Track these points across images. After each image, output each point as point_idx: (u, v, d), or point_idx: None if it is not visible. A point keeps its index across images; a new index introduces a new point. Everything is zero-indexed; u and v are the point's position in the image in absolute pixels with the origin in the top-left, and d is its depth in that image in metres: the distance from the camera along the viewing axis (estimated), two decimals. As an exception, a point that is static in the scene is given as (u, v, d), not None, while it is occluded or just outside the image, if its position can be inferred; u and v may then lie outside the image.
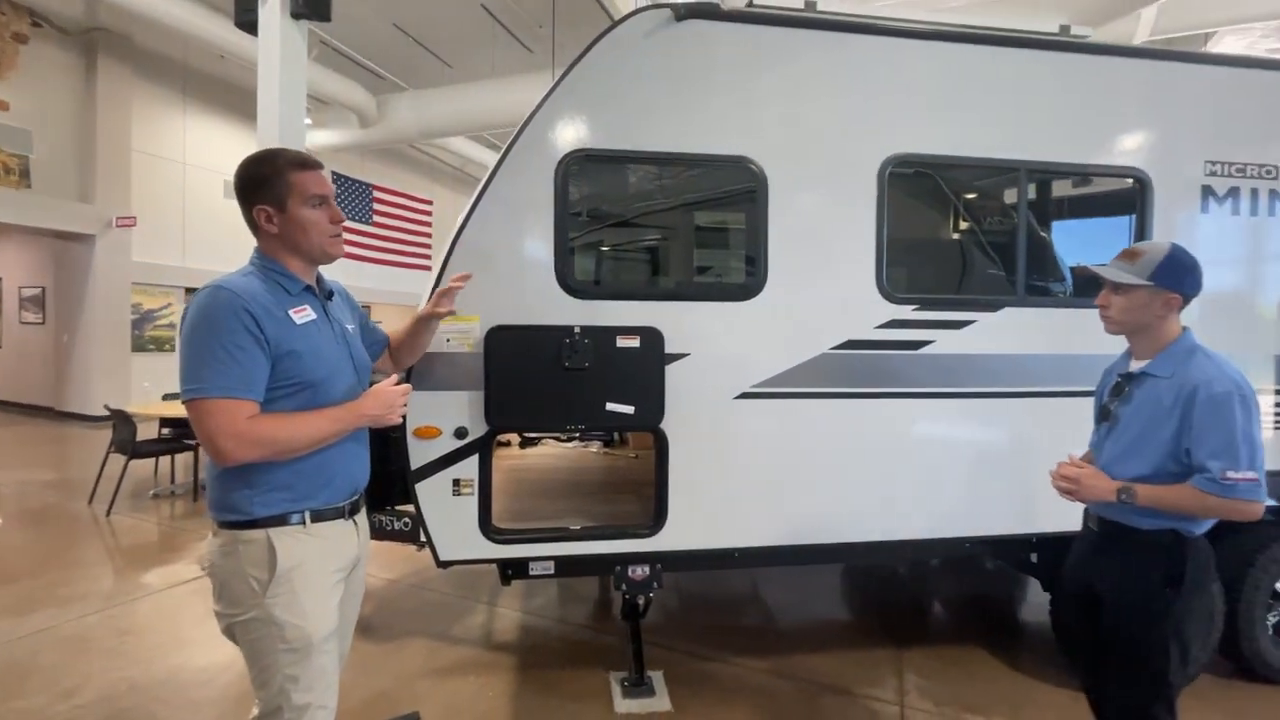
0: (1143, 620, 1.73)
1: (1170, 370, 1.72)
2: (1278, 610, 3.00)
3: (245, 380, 1.41)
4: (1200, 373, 1.67)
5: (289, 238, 1.55)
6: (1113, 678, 1.82)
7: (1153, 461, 1.71)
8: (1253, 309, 2.97)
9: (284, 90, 4.21)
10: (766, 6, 2.61)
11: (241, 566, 1.46)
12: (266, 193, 1.52)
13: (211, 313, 1.41)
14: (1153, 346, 1.78)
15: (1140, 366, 1.80)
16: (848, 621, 3.82)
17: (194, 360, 1.40)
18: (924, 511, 2.76)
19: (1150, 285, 1.70)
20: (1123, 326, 1.80)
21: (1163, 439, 1.69)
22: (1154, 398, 1.72)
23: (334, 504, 1.59)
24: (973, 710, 2.76)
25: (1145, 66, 2.85)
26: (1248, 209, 2.91)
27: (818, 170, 2.63)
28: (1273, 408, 2.95)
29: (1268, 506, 3.04)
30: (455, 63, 11.26)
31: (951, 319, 2.70)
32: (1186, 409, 1.65)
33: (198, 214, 11.34)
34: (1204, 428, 1.62)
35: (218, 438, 1.38)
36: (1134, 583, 1.75)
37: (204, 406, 1.39)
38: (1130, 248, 1.80)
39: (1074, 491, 1.76)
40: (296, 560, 1.49)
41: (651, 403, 2.50)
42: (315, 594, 1.51)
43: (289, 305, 1.52)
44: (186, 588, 3.96)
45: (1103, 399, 1.92)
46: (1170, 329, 1.77)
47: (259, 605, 1.46)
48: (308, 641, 1.48)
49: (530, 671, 3.04)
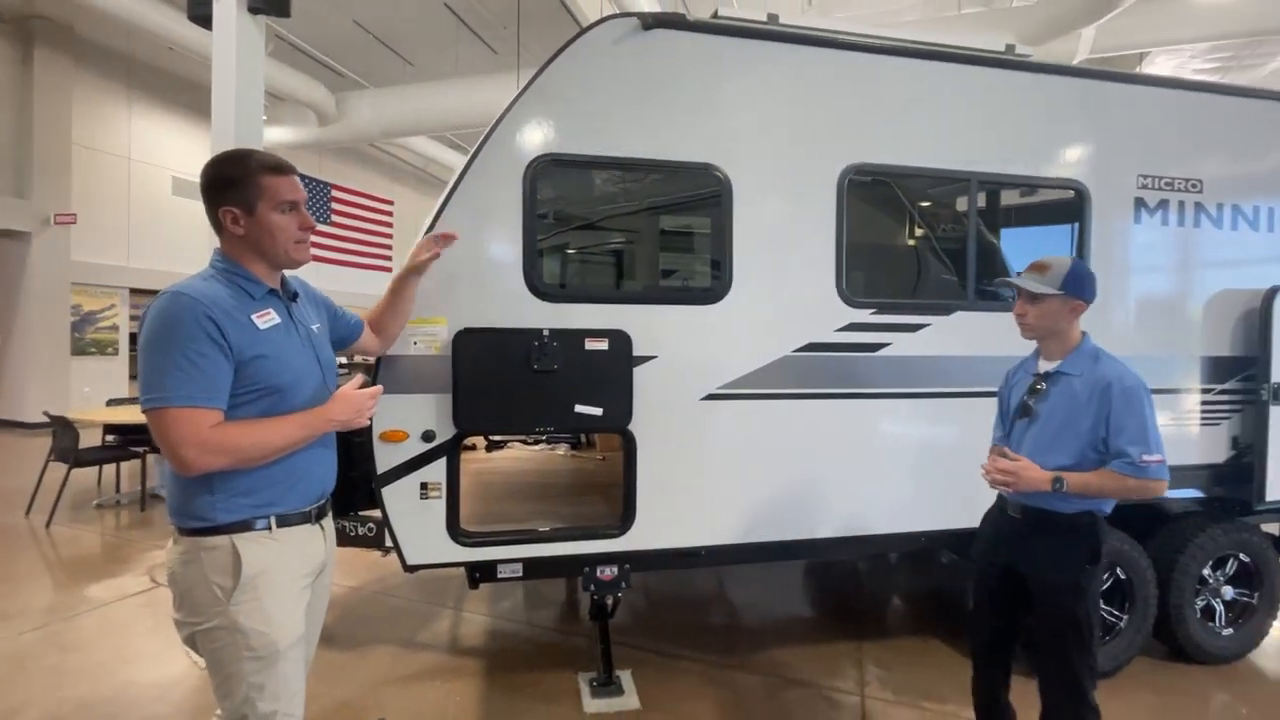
0: (1073, 594, 1.91)
1: (1081, 369, 1.93)
2: (1205, 595, 3.21)
3: (208, 388, 1.38)
4: (1111, 370, 1.88)
5: (255, 241, 1.51)
6: (1052, 651, 1.95)
7: (1075, 451, 1.89)
8: (1181, 313, 3.18)
9: (240, 88, 4.09)
10: (731, 18, 2.68)
11: (204, 574, 1.43)
12: (235, 194, 1.49)
13: (172, 319, 1.37)
14: (1062, 348, 1.99)
15: (1053, 366, 1.99)
16: (810, 617, 3.92)
17: (154, 369, 1.37)
18: (882, 507, 2.87)
19: (1061, 294, 1.90)
20: (1037, 331, 2.00)
21: (1083, 430, 1.88)
22: (1070, 393, 1.92)
23: (300, 509, 1.56)
24: (929, 698, 2.87)
25: (1083, 85, 3.03)
26: (1175, 220, 3.11)
27: (780, 178, 2.71)
28: (1199, 405, 3.17)
29: (1194, 497, 3.28)
30: (417, 61, 11.10)
31: (907, 322, 2.82)
32: (1103, 402, 1.85)
33: (144, 212, 10.89)
34: (1121, 418, 1.83)
35: (181, 448, 1.35)
36: (1063, 562, 1.92)
37: (166, 416, 1.35)
38: (1038, 261, 1.99)
39: (1012, 483, 1.90)
40: (262, 566, 1.46)
41: (620, 405, 2.53)
42: (281, 600, 1.48)
43: (252, 309, 1.49)
44: (135, 600, 3.81)
45: (1010, 398, 2.12)
46: (1075, 332, 1.99)
47: (222, 613, 1.42)
48: (273, 649, 1.45)
49: (498, 675, 3.04)
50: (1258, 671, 3.22)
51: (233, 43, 4.05)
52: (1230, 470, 3.19)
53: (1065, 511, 1.92)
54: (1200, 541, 3.12)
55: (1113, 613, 3.05)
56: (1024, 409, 2.03)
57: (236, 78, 4.07)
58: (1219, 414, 3.19)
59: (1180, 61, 10.74)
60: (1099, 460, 1.87)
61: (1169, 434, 3.09)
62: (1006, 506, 2.08)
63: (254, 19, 4.19)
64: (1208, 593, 3.21)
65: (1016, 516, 2.03)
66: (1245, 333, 3.17)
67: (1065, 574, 1.92)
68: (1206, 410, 3.19)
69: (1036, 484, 1.87)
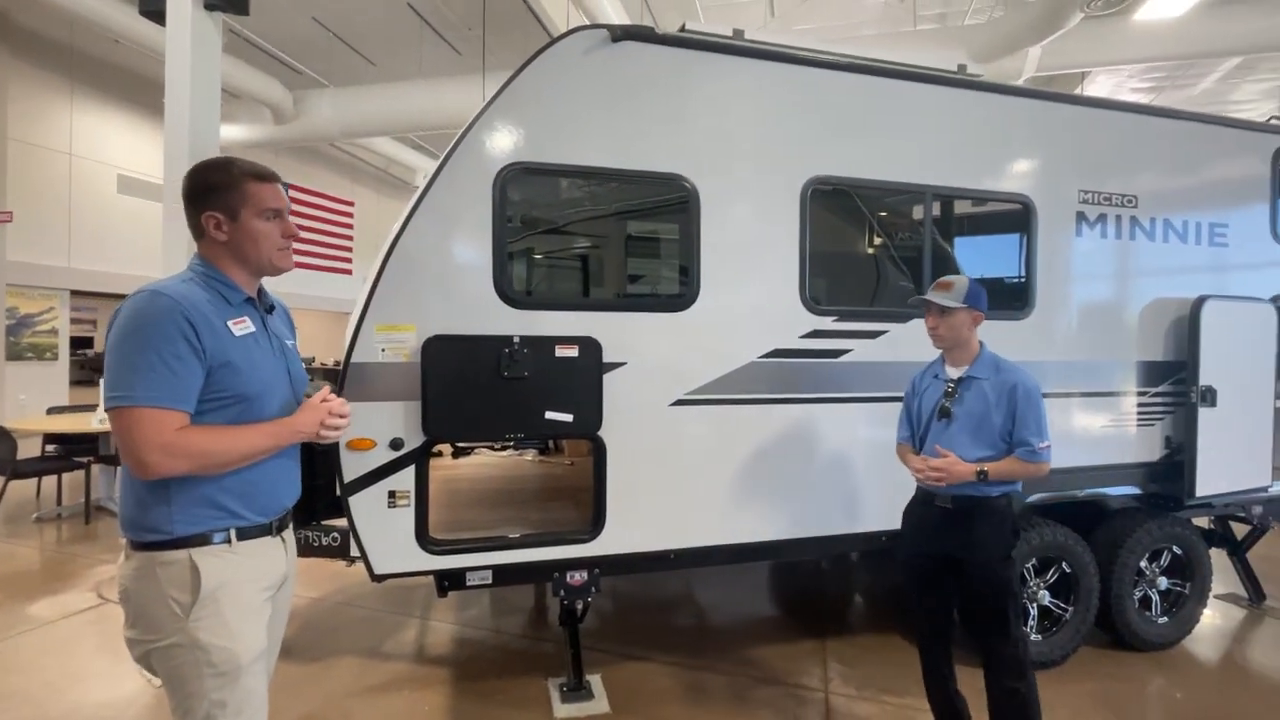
0: (1004, 566, 2.21)
1: (987, 373, 2.25)
2: (1142, 586, 3.41)
3: (177, 391, 1.35)
4: (1013, 374, 2.22)
5: (237, 247, 1.51)
6: (990, 621, 2.22)
7: (990, 444, 2.21)
8: (1119, 320, 3.38)
9: (196, 86, 3.95)
10: (698, 32, 2.74)
11: (161, 589, 1.38)
12: (219, 200, 1.48)
13: (148, 319, 1.35)
14: (967, 356, 2.30)
15: (963, 372, 2.28)
16: (776, 616, 4.00)
17: (123, 366, 1.34)
18: (845, 508, 2.96)
19: (965, 307, 2.22)
20: (947, 341, 2.30)
21: (995, 425, 2.20)
22: (981, 395, 2.23)
23: (260, 521, 1.52)
24: (890, 692, 2.98)
25: (1029, 105, 3.19)
26: (1113, 233, 3.31)
27: (746, 188, 2.78)
28: (1136, 407, 3.36)
29: (1132, 494, 3.48)
30: (380, 61, 10.90)
31: (867, 329, 2.92)
32: (1010, 401, 2.19)
33: (86, 211, 10.40)
34: (1024, 413, 2.17)
35: (143, 449, 1.32)
36: (996, 540, 2.21)
37: (131, 415, 1.32)
38: (941, 281, 2.29)
39: (943, 478, 2.17)
40: (222, 579, 1.42)
41: (590, 411, 2.56)
42: (242, 614, 1.45)
43: (228, 316, 1.47)
44: (81, 618, 3.65)
45: (922, 403, 2.37)
46: (975, 341, 2.31)
47: (181, 629, 1.38)
48: (236, 664, 1.41)
49: (467, 683, 3.02)
50: (1190, 656, 3.43)
51: (187, 40, 3.91)
52: (1164, 468, 3.40)
53: (992, 495, 2.22)
54: (1138, 536, 3.31)
55: (1059, 605, 3.21)
56: (943, 411, 2.27)
57: (191, 77, 3.93)
58: (1154, 415, 3.40)
59: (1119, 80, 11.33)
60: (1006, 450, 2.20)
61: (1110, 434, 3.33)
62: (935, 499, 2.29)
63: (210, 15, 4.06)
64: (1144, 584, 3.41)
65: (948, 507, 2.26)
66: (1176, 339, 3.38)
67: (997, 550, 2.21)
68: (1142, 412, 3.39)
69: (964, 475, 2.15)
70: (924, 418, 2.35)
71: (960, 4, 9.06)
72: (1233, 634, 3.77)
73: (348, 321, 10.39)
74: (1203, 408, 3.25)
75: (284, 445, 1.53)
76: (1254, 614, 4.00)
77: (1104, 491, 3.37)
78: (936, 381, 2.35)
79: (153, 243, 11.36)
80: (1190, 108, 12.27)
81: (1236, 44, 7.47)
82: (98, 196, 10.54)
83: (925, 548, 2.34)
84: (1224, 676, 3.27)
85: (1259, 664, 3.43)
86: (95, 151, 10.52)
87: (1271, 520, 3.86)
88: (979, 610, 2.25)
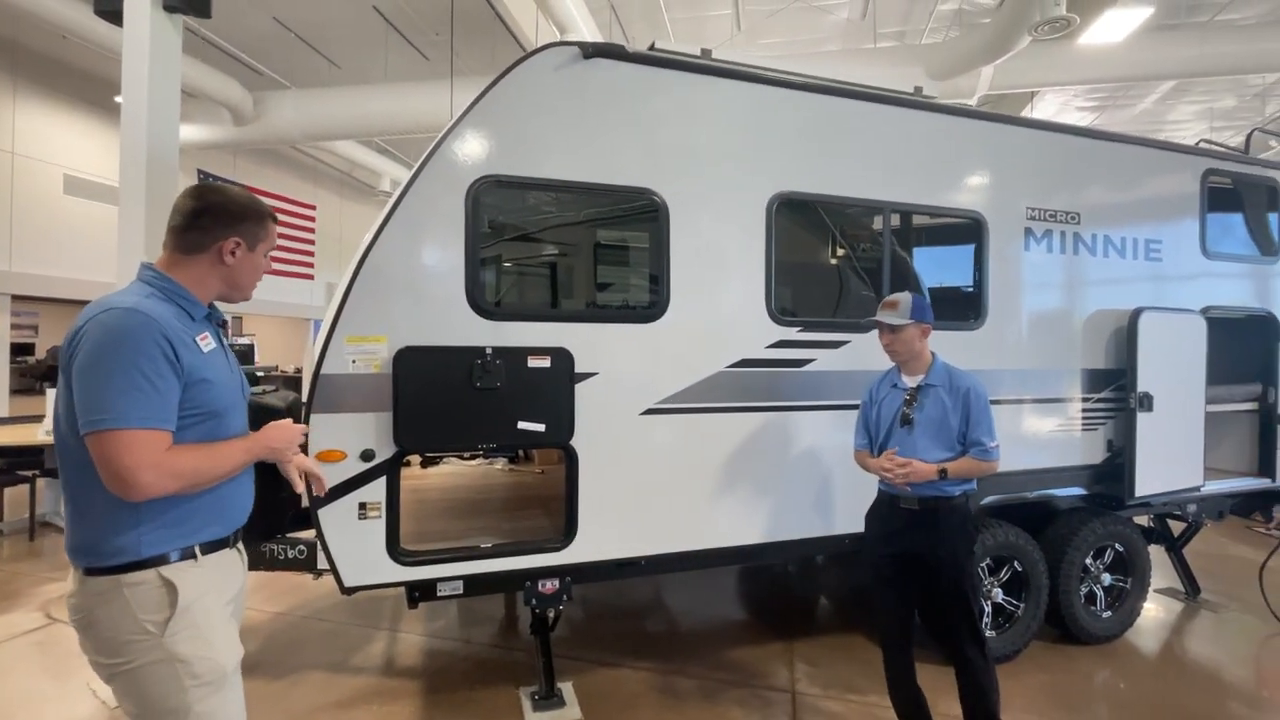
0: (967, 559, 2.41)
1: (942, 380, 2.43)
2: (1088, 582, 3.60)
3: (163, 410, 1.34)
4: (965, 380, 2.41)
5: (235, 275, 1.56)
6: (956, 609, 2.40)
7: (947, 445, 2.39)
8: (1065, 330, 3.57)
9: (154, 90, 3.83)
10: (667, 51, 2.81)
11: (131, 612, 1.35)
12: (248, 230, 1.54)
13: (127, 337, 1.32)
14: (920, 366, 2.46)
15: (919, 381, 2.45)
16: (745, 621, 4.08)
17: (106, 387, 1.30)
18: (810, 513, 3.06)
19: (912, 322, 2.40)
20: (901, 355, 2.47)
21: (953, 427, 2.38)
22: (938, 401, 2.40)
23: (222, 536, 1.53)
24: (854, 690, 3.07)
25: (981, 126, 3.36)
26: (1059, 247, 3.50)
27: (713, 204, 2.86)
28: (1081, 413, 3.55)
29: (1078, 495, 3.66)
30: (344, 63, 10.73)
31: (830, 339, 3.03)
32: (965, 405, 2.38)
33: (30, 212, 9.94)
34: (977, 416, 2.37)
35: (138, 471, 1.29)
36: (961, 536, 2.40)
37: (120, 438, 1.29)
38: (887, 300, 2.48)
39: (910, 476, 2.32)
40: (198, 592, 1.42)
41: (562, 420, 2.59)
42: (218, 624, 1.45)
43: (194, 332, 1.47)
44: (28, 639, 3.50)
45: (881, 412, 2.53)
46: (928, 351, 2.48)
47: (158, 646, 1.36)
48: (221, 672, 1.42)
49: (437, 694, 3.00)
50: (1133, 648, 3.63)
51: (146, 43, 3.80)
52: (1106, 470, 3.60)
53: (953, 495, 2.40)
54: (1083, 534, 3.49)
55: (1011, 602, 3.37)
56: (905, 419, 2.43)
57: (149, 80, 3.82)
58: (1097, 420, 3.60)
59: (1065, 99, 11.89)
60: (962, 451, 2.39)
61: (1057, 439, 3.51)
62: (899, 501, 2.44)
63: (170, 17, 3.96)
64: (1090, 580, 3.60)
65: (914, 509, 2.41)
66: (1116, 348, 3.59)
67: (962, 545, 2.40)
68: (1087, 417, 3.58)
69: (927, 475, 2.32)
70: (883, 425, 2.50)
71: (918, 23, 9.40)
72: (1171, 626, 3.99)
73: (308, 328, 10.18)
74: (1141, 413, 3.46)
75: (256, 460, 1.55)
76: (1190, 607, 4.25)
77: (1052, 493, 3.54)
78: (895, 390, 2.50)
79: (102, 246, 10.93)
80: (1130, 126, 12.98)
81: (1170, 69, 7.95)
82: (42, 197, 10.08)
83: (891, 548, 2.47)
84: (1163, 666, 3.47)
85: (1195, 654, 3.65)
86: (40, 151, 10.07)
87: (1205, 518, 4.12)
88: (947, 600, 2.40)
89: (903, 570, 2.46)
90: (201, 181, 1.63)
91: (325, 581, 2.70)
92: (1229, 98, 11.80)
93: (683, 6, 8.94)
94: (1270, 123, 12.09)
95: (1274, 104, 11.82)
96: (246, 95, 9.61)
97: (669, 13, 9.04)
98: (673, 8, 8.95)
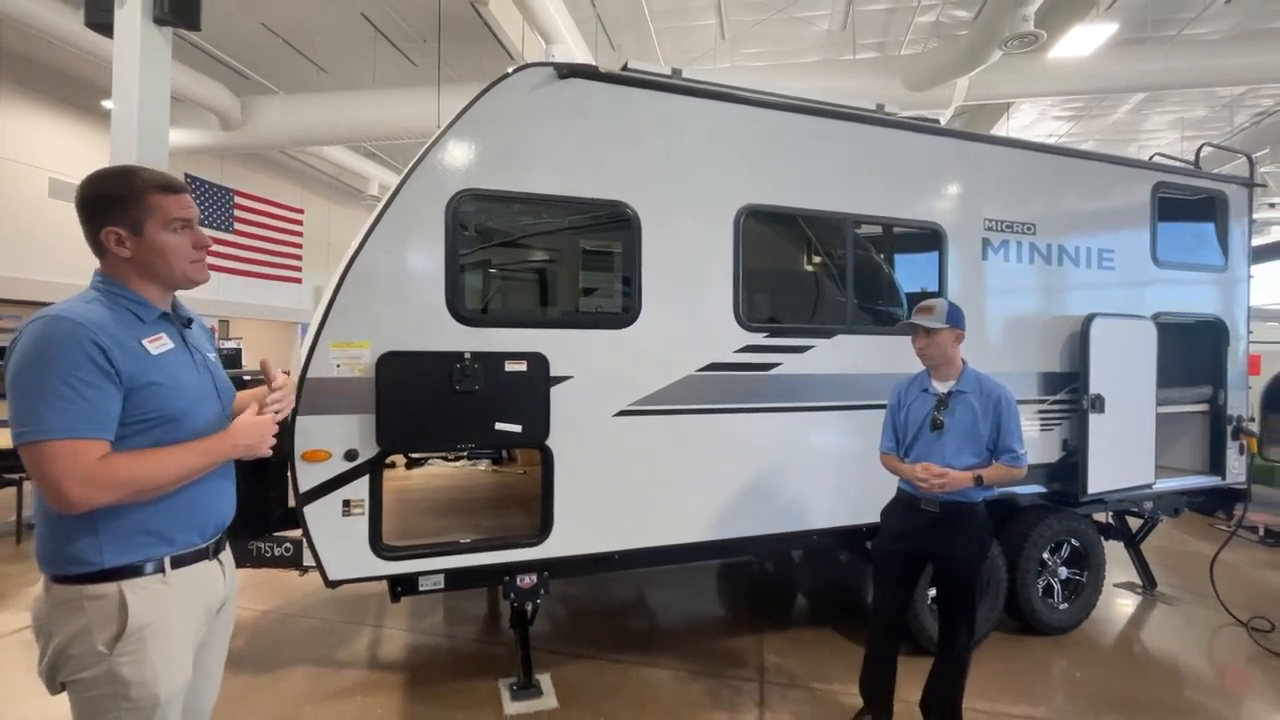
0: (981, 562, 2.55)
1: (973, 387, 2.49)
2: (1045, 575, 3.77)
3: (93, 418, 1.27)
4: (996, 387, 2.48)
5: (145, 263, 1.41)
6: (962, 606, 2.52)
7: (979, 452, 2.46)
8: (1022, 335, 3.74)
9: (144, 101, 3.92)
10: (639, 71, 2.96)
11: (85, 624, 1.31)
12: (119, 214, 1.38)
13: (49, 345, 1.26)
14: (952, 371, 2.54)
15: (950, 387, 2.52)
16: (718, 615, 4.21)
17: (28, 399, 1.25)
18: (777, 510, 3.20)
19: (948, 326, 2.47)
20: (935, 360, 2.53)
21: (984, 434, 2.45)
22: (969, 407, 2.47)
23: (196, 546, 1.46)
24: (820, 680, 3.21)
25: (939, 141, 3.53)
26: (1015, 257, 3.68)
27: (683, 215, 3.00)
28: (1037, 414, 3.73)
29: (1037, 492, 3.84)
30: (332, 69, 10.80)
31: (795, 344, 3.18)
32: (996, 412, 2.44)
33: (14, 215, 9.93)
34: (1007, 423, 2.44)
35: (64, 483, 1.24)
36: (978, 541, 2.51)
37: (44, 450, 1.24)
38: (923, 304, 2.52)
39: (946, 484, 2.38)
40: (150, 616, 1.36)
41: (538, 422, 2.72)
42: (168, 650, 1.39)
43: (143, 334, 1.39)
44: (16, 639, 3.57)
45: (909, 415, 2.58)
46: (959, 358, 2.55)
47: (103, 663, 1.32)
48: (154, 702, 1.36)
49: (420, 686, 3.11)
50: (1089, 638, 3.80)
51: (136, 54, 3.88)
52: (1062, 468, 3.77)
53: (975, 501, 2.49)
54: (1041, 530, 3.66)
55: (971, 595, 3.52)
56: (935, 423, 2.49)
57: (139, 92, 3.91)
58: (1053, 421, 3.77)
59: (1042, 109, 12.18)
60: (990, 457, 2.46)
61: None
62: (920, 504, 2.51)
63: (160, 30, 4.06)
64: (1047, 573, 3.77)
65: (934, 511, 2.47)
66: (1070, 352, 3.77)
67: (980, 550, 2.53)
68: (1044, 418, 3.75)
69: (962, 483, 2.38)
70: (911, 428, 2.56)
71: (897, 34, 9.62)
72: (1128, 618, 4.17)
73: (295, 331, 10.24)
74: (1093, 414, 3.63)
75: (218, 463, 1.46)
76: (1147, 600, 4.43)
77: (1013, 491, 3.71)
78: (925, 395, 2.55)
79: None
80: (1105, 135, 13.28)
81: (1137, 82, 8.21)
82: (27, 201, 10.08)
83: (905, 546, 2.58)
84: (1119, 657, 3.63)
85: (1150, 644, 3.83)
86: (24, 154, 10.07)
87: (1160, 514, 4.31)
88: (955, 598, 2.54)
89: (911, 567, 2.60)
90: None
91: (311, 579, 2.81)
92: (1200, 108, 12.15)
93: (668, 17, 9.11)
94: (1238, 133, 12.45)
95: (1242, 114, 12.19)
96: (235, 100, 9.66)
97: (654, 23, 9.21)
98: (658, 18, 9.11)
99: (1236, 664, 3.58)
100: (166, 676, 1.38)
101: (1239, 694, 3.28)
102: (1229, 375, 4.26)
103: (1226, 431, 4.23)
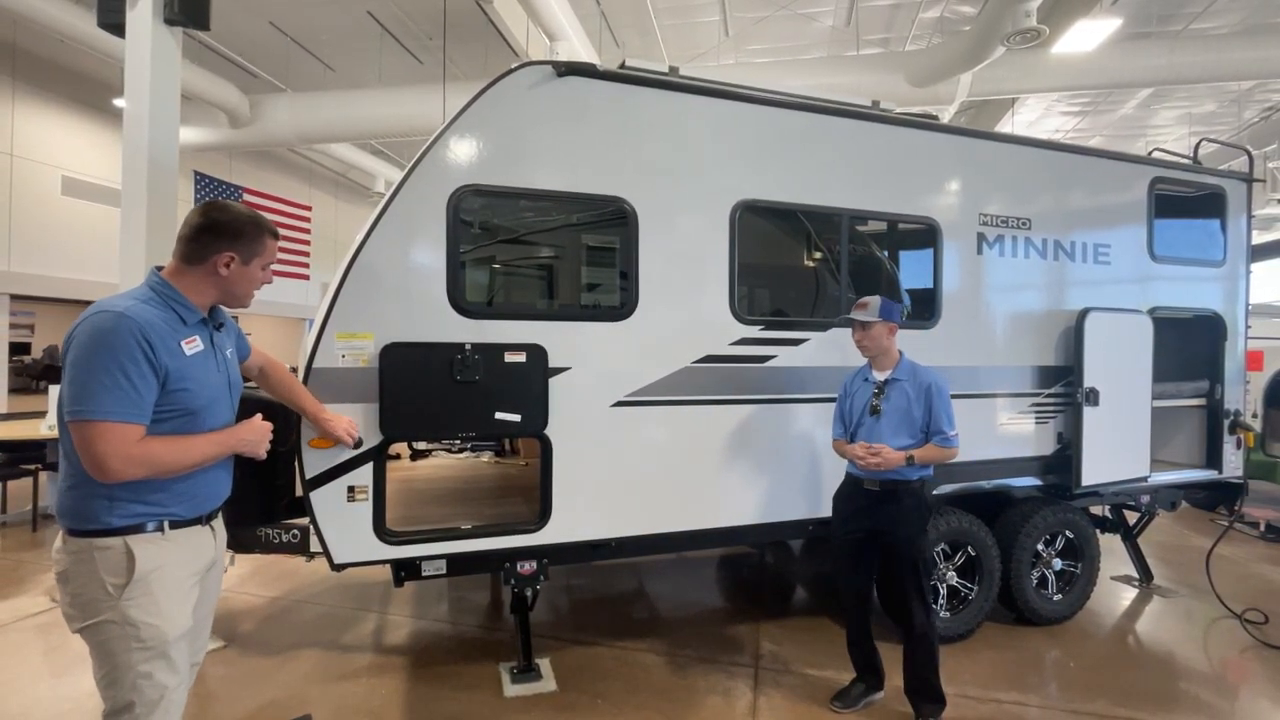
0: (920, 536, 2.73)
1: (907, 375, 2.74)
2: (1040, 567, 3.81)
3: (138, 405, 1.51)
4: (927, 375, 2.73)
5: (230, 286, 1.71)
6: (909, 580, 2.71)
7: (910, 434, 2.71)
8: (1018, 329, 3.77)
9: (155, 100, 4.01)
10: (636, 69, 3.01)
11: (96, 572, 1.53)
12: (242, 245, 1.69)
13: (111, 337, 1.49)
14: (889, 361, 2.78)
15: (887, 375, 2.76)
16: (716, 604, 4.28)
17: (87, 382, 1.47)
18: (770, 499, 3.26)
19: (880, 320, 2.70)
20: (872, 351, 2.78)
21: (917, 417, 2.70)
22: (903, 393, 2.72)
23: (191, 517, 1.69)
24: (814, 666, 3.28)
25: (934, 137, 3.56)
26: (1010, 252, 3.71)
27: (680, 211, 3.06)
28: (1030, 406, 3.76)
29: (1031, 485, 3.88)
30: (339, 67, 10.92)
31: (790, 337, 3.24)
32: (927, 398, 2.69)
33: (28, 212, 10.11)
34: (939, 408, 2.68)
35: (108, 459, 1.47)
36: (917, 516, 2.71)
37: (95, 429, 1.47)
38: (859, 301, 2.78)
39: (880, 463, 2.61)
40: (155, 564, 1.58)
41: (537, 412, 2.79)
42: (171, 595, 1.61)
43: (182, 336, 1.62)
44: (33, 621, 3.68)
45: (853, 403, 2.82)
46: (895, 348, 2.79)
47: (114, 607, 1.53)
48: (163, 640, 1.57)
49: (423, 669, 3.20)
50: (1083, 629, 3.84)
51: (147, 54, 3.98)
52: (1056, 461, 3.81)
53: (911, 479, 2.70)
54: (1035, 521, 3.71)
55: (965, 584, 3.58)
56: (873, 409, 2.72)
57: (151, 91, 4.00)
58: (1048, 414, 3.81)
59: (1048, 104, 12.13)
60: (924, 439, 2.70)
61: (1013, 431, 3.72)
62: (863, 484, 2.74)
63: (171, 30, 4.15)
64: (1041, 565, 3.81)
65: (875, 490, 2.71)
66: (1065, 346, 3.80)
67: (918, 524, 2.71)
68: (1039, 411, 3.79)
69: (896, 461, 2.62)
70: (855, 415, 2.80)
71: (902, 30, 9.62)
72: (1123, 610, 4.20)
73: (303, 327, 10.40)
74: (1087, 407, 3.67)
75: (228, 453, 1.75)
76: (1144, 593, 4.46)
77: (1008, 483, 3.75)
78: (866, 384, 2.81)
79: (99, 246, 11.07)
80: (1113, 130, 13.20)
81: (1141, 78, 8.18)
82: (41, 198, 10.26)
83: (855, 526, 2.79)
84: (1113, 647, 3.66)
85: (1144, 636, 3.86)
86: (38, 152, 10.25)
87: (1157, 507, 4.34)
88: (902, 571, 2.72)
89: (864, 545, 2.79)
90: (214, 199, 1.88)
91: (318, 566, 2.89)
92: (1208, 103, 12.07)
93: (672, 14, 9.15)
94: (1247, 128, 12.36)
95: (1251, 109, 12.09)
96: (243, 98, 9.79)
97: (658, 20, 9.25)
98: (662, 15, 9.16)
99: (1230, 656, 3.61)
100: (172, 618, 1.60)
101: (1232, 685, 3.31)
102: (1227, 370, 4.28)
103: (1224, 426, 4.25)
